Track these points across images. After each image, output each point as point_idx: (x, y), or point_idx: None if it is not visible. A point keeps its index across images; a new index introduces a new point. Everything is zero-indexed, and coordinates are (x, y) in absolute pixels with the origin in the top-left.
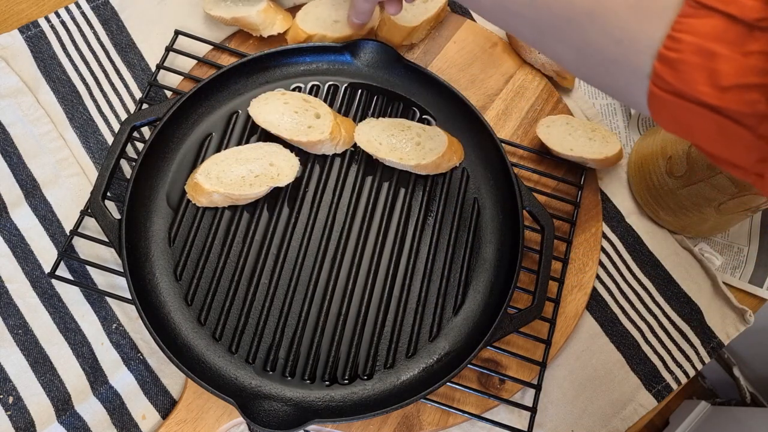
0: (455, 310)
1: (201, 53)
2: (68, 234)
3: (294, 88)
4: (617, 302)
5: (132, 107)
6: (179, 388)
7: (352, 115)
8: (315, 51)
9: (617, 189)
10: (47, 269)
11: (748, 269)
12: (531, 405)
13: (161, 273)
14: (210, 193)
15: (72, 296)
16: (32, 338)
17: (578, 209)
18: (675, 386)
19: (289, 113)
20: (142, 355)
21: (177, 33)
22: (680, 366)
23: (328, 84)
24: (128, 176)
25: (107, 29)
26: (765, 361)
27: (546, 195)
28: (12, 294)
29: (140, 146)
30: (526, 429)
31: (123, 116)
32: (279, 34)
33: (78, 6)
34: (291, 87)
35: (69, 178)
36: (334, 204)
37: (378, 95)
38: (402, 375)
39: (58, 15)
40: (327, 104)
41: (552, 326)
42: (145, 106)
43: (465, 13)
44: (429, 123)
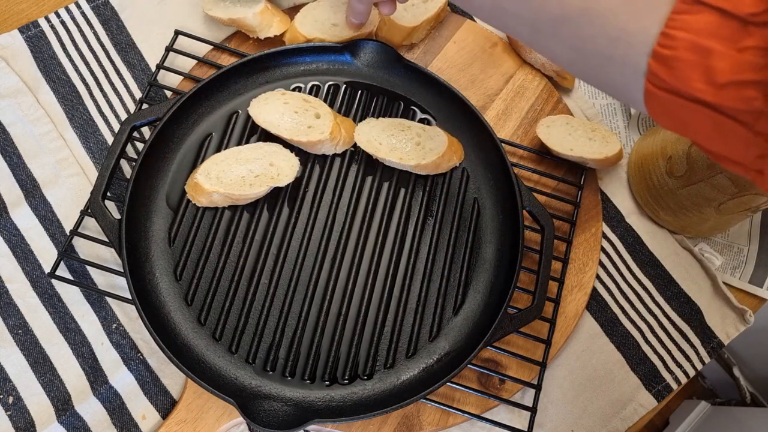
0: (455, 310)
1: (201, 53)
2: (68, 234)
3: (294, 88)
4: (617, 302)
5: (132, 107)
6: (179, 388)
7: (352, 115)
8: (315, 51)
9: (617, 189)
10: (47, 269)
11: (748, 269)
12: (531, 405)
13: (161, 273)
14: (210, 193)
15: (72, 296)
16: (32, 338)
17: (578, 209)
18: (675, 386)
19: (289, 113)
20: (142, 355)
21: (177, 33)
22: (680, 366)
23: (328, 84)
24: (128, 176)
25: (107, 29)
26: (765, 361)
27: (546, 195)
28: (12, 294)
29: (140, 146)
30: (526, 429)
31: (123, 116)
32: (276, 36)
33: (78, 6)
34: (291, 87)
35: (69, 178)
36: (334, 204)
37: (378, 95)
38: (402, 375)
39: (58, 15)
40: (327, 104)
41: (552, 326)
42: (145, 106)
43: (465, 13)
44: (429, 123)
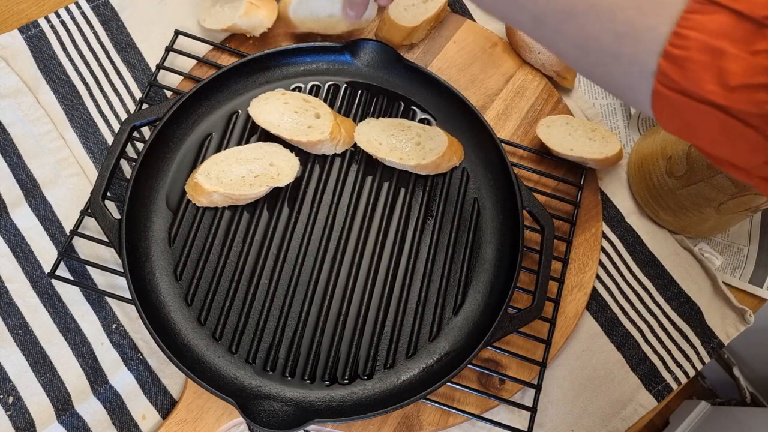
0: (455, 310)
1: (201, 53)
2: (68, 234)
3: (294, 88)
4: (617, 302)
5: (132, 107)
6: (179, 388)
7: (352, 115)
8: (315, 51)
9: (617, 189)
10: (47, 269)
11: (748, 269)
12: (531, 405)
13: (161, 273)
14: (210, 193)
15: (72, 296)
16: (32, 338)
17: (578, 209)
18: (675, 386)
19: (289, 113)
20: (142, 355)
21: (177, 33)
22: (680, 366)
23: (328, 84)
24: (128, 176)
25: (107, 29)
26: (765, 361)
27: (546, 195)
28: (12, 294)
29: (140, 146)
30: (526, 429)
31: (123, 116)
32: (273, 30)
33: (78, 6)
34: (291, 87)
35: (69, 178)
36: (334, 204)
37: (378, 95)
38: (402, 375)
39: (58, 15)
40: (327, 104)
41: (552, 326)
42: (145, 106)
43: (465, 13)
44: (429, 123)
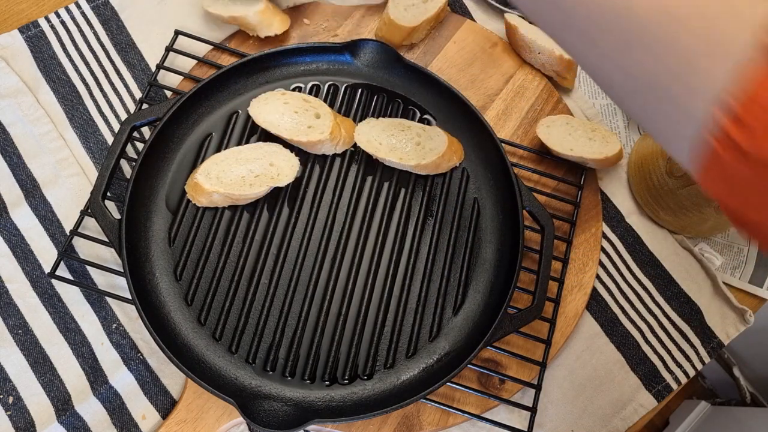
0: (455, 310)
1: (201, 53)
2: (68, 234)
3: (294, 88)
4: (617, 302)
5: (132, 107)
6: (179, 388)
7: (352, 115)
8: (315, 51)
9: (617, 189)
10: (47, 269)
11: (748, 269)
12: (531, 405)
13: (161, 273)
14: (210, 193)
15: (72, 296)
16: (32, 338)
17: (578, 209)
18: (675, 386)
19: (289, 113)
20: (142, 355)
21: (177, 33)
22: (680, 366)
23: (328, 84)
24: (128, 176)
25: (107, 29)
26: (765, 361)
27: (546, 195)
28: (12, 294)
29: (140, 146)
30: (526, 429)
31: (123, 116)
32: (276, 36)
33: (78, 6)
34: (291, 87)
35: (69, 178)
36: (334, 204)
37: (378, 95)
38: (402, 375)
39: (58, 15)
40: (327, 104)
41: (552, 326)
42: (145, 106)
43: (465, 13)
44: (429, 123)
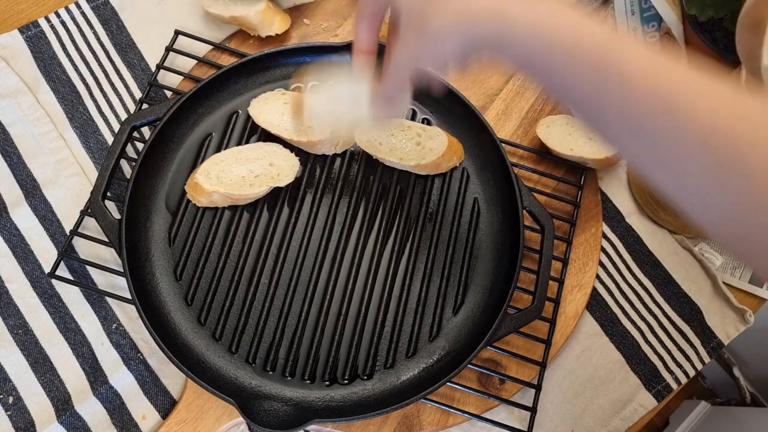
0: (455, 310)
1: (201, 53)
2: (68, 234)
3: (294, 88)
4: (617, 302)
5: (132, 107)
6: (179, 388)
7: None
8: (315, 51)
9: (617, 189)
10: (47, 269)
11: (748, 269)
12: (531, 405)
13: (161, 273)
14: (210, 193)
15: (72, 296)
16: (32, 338)
17: (578, 209)
18: (675, 386)
19: (290, 113)
20: (142, 355)
21: (177, 33)
22: (680, 366)
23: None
24: (128, 176)
25: (107, 29)
26: (765, 361)
27: (546, 195)
28: (12, 294)
29: (140, 146)
30: (526, 429)
31: (123, 116)
32: (277, 35)
33: (78, 6)
34: (291, 87)
35: (69, 178)
36: (334, 204)
37: None
38: (402, 375)
39: (58, 15)
40: None
41: (552, 326)
42: (145, 106)
43: None
44: (429, 123)
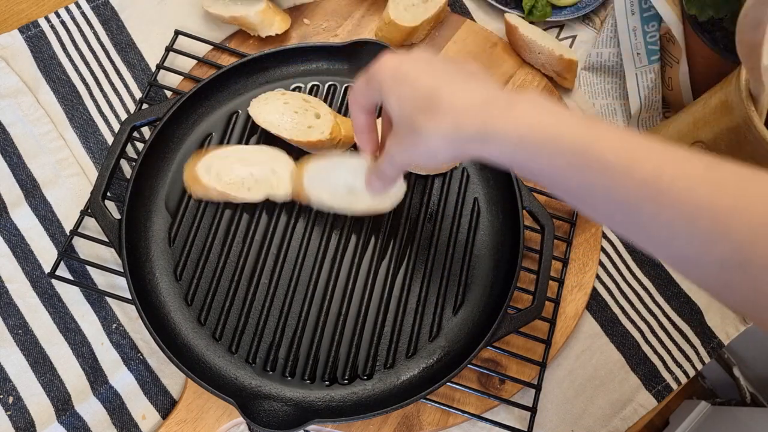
0: (455, 310)
1: (201, 53)
2: (68, 234)
3: (294, 88)
4: (617, 302)
5: (132, 107)
6: (179, 388)
7: None
8: (315, 51)
9: None
10: (47, 269)
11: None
12: (531, 405)
13: (161, 273)
14: (207, 188)
15: (72, 296)
16: (32, 338)
17: None
18: (675, 386)
19: (289, 113)
20: (142, 355)
21: (177, 33)
22: (680, 366)
23: (328, 84)
24: (128, 176)
25: (107, 29)
26: (765, 361)
27: (546, 195)
28: (12, 294)
29: (140, 146)
30: (526, 429)
31: (123, 116)
32: (277, 35)
33: (78, 6)
34: (291, 87)
35: (69, 178)
36: None
37: None
38: (402, 375)
39: (58, 15)
40: (327, 104)
41: (552, 326)
42: (145, 106)
43: (465, 13)
44: None
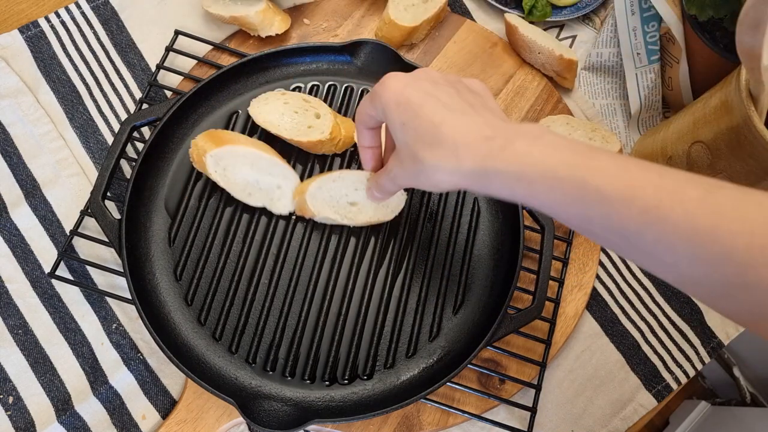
0: (455, 310)
1: (201, 53)
2: (68, 234)
3: (294, 88)
4: (617, 302)
5: (132, 107)
6: (179, 388)
7: (352, 115)
8: (315, 51)
9: None
10: (47, 269)
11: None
12: (531, 405)
13: (161, 273)
14: (210, 174)
15: (72, 296)
16: (32, 338)
17: None
18: (675, 386)
19: (289, 113)
20: (142, 355)
21: (177, 33)
22: (680, 366)
23: (328, 84)
24: (128, 176)
25: (107, 29)
26: (765, 361)
27: None
28: (12, 294)
29: (140, 146)
30: (526, 429)
31: (123, 116)
32: (277, 35)
33: (78, 6)
34: (291, 87)
35: (69, 178)
36: None
37: None
38: (402, 375)
39: (58, 15)
40: (327, 104)
41: (552, 326)
42: (145, 106)
43: (465, 13)
44: None
